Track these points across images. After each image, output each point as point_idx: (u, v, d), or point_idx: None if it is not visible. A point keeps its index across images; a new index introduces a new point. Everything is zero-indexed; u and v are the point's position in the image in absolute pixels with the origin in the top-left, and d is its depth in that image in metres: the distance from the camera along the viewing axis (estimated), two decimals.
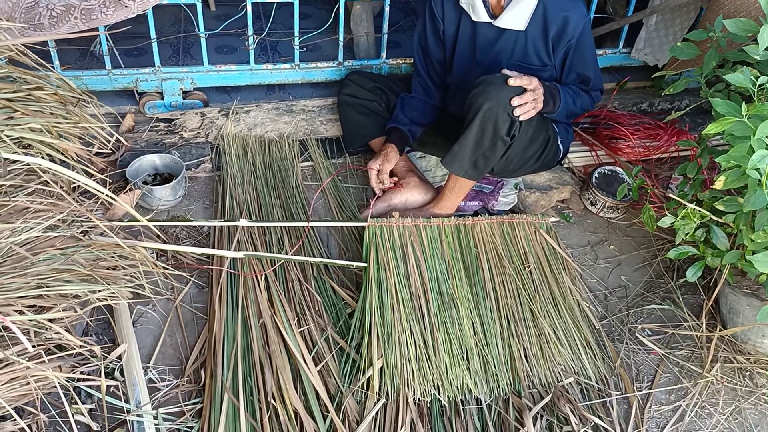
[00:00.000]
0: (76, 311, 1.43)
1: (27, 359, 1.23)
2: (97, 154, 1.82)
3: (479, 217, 1.92)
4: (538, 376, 1.63)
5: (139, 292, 1.69)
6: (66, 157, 1.33)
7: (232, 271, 1.78)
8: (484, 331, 1.69)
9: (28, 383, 1.26)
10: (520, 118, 1.75)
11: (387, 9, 2.27)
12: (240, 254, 1.77)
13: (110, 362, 1.56)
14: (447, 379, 1.59)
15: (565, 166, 2.27)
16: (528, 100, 1.73)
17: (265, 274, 1.77)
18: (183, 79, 2.23)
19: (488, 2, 1.84)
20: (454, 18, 1.92)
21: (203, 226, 1.98)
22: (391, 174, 2.05)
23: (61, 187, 1.21)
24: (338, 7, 2.20)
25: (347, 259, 1.91)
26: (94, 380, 1.41)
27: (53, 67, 2.06)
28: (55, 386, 1.43)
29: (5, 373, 1.18)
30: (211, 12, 2.98)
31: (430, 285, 1.76)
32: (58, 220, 1.17)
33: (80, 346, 1.34)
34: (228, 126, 2.24)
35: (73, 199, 1.24)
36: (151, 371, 1.60)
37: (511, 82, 1.71)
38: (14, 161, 1.10)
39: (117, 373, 1.55)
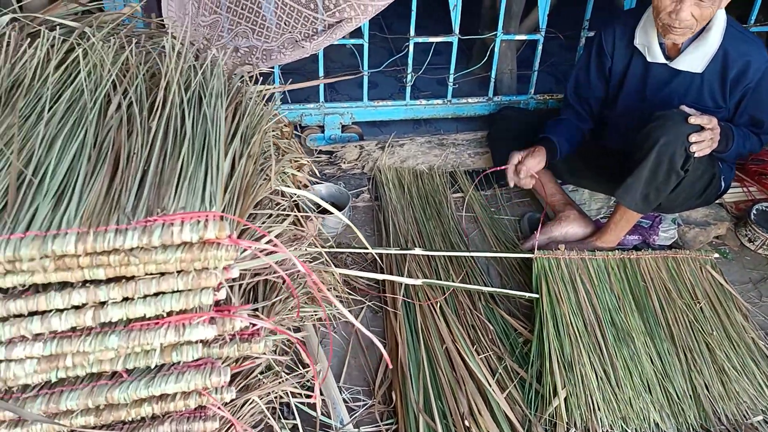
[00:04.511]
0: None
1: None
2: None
3: (644, 252, 1.95)
4: (724, 413, 1.63)
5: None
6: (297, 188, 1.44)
7: (406, 299, 1.85)
8: (663, 364, 1.71)
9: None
10: (696, 155, 1.78)
11: (540, 47, 2.35)
12: (418, 281, 1.84)
13: (307, 381, 1.66)
14: (633, 410, 1.61)
15: (717, 201, 2.27)
16: (705, 138, 1.76)
17: (439, 302, 1.84)
18: (344, 114, 2.36)
19: (665, 44, 1.89)
20: (624, 56, 1.97)
21: (368, 253, 2.07)
22: (551, 207, 2.09)
23: (303, 217, 1.32)
24: (493, 45, 2.30)
25: (510, 288, 1.97)
26: (310, 395, 1.49)
27: None
28: (268, 403, 1.53)
29: (249, 393, 1.28)
30: (347, 49, 3.13)
31: (603, 317, 1.79)
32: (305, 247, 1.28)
33: (305, 365, 1.43)
34: (384, 158, 2.35)
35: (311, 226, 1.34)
36: (343, 391, 1.68)
37: (692, 120, 1.74)
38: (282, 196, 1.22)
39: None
